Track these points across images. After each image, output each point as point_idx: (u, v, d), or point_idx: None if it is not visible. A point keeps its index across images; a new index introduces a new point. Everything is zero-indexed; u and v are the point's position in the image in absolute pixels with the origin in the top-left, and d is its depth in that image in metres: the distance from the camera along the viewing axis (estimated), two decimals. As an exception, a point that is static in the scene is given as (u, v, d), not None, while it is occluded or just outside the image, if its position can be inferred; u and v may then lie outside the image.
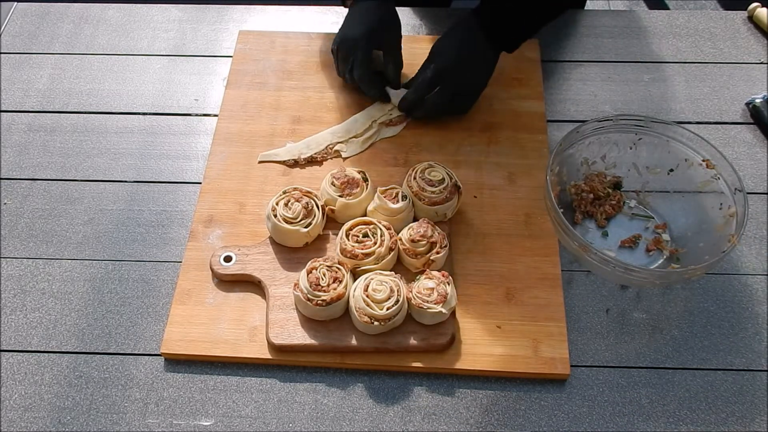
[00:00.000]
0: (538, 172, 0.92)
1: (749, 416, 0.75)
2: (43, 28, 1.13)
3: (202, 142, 0.98)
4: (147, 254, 0.87)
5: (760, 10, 1.10)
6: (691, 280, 0.83)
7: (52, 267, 0.87)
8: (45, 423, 0.75)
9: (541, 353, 0.77)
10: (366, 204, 0.86)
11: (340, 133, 0.96)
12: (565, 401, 0.76)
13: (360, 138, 0.95)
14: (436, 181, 0.85)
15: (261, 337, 0.79)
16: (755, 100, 0.99)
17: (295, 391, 0.77)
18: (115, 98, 1.04)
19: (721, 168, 0.82)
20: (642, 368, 0.78)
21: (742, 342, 0.80)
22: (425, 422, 0.75)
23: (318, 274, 0.78)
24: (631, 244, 0.86)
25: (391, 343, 0.77)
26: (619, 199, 0.89)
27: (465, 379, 0.77)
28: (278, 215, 0.83)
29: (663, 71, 1.05)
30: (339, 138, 0.95)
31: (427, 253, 0.80)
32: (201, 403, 0.76)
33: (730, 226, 0.79)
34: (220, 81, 1.05)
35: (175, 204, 0.92)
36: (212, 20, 1.13)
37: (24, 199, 0.93)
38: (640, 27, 1.11)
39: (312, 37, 1.09)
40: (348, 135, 0.96)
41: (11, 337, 0.81)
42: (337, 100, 1.01)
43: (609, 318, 0.82)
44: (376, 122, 0.97)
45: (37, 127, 1.01)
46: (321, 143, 0.95)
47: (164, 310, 0.83)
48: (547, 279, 0.83)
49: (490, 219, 0.88)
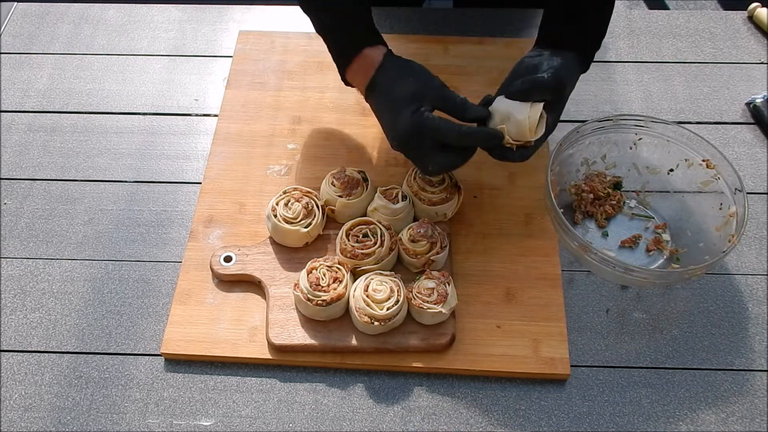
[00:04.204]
0: (538, 172, 0.92)
1: (749, 416, 0.75)
2: (43, 28, 1.13)
3: (202, 142, 0.98)
4: (147, 254, 0.87)
5: (760, 10, 1.10)
6: (691, 280, 0.83)
7: (52, 267, 0.87)
8: (45, 423, 0.75)
9: (541, 353, 0.77)
10: (366, 204, 0.86)
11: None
12: (565, 401, 0.76)
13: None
14: (436, 181, 0.85)
15: (261, 337, 0.79)
16: (755, 100, 0.99)
17: (295, 391, 0.77)
18: (115, 98, 1.04)
19: (721, 168, 0.82)
20: (642, 368, 0.78)
21: (742, 342, 0.80)
22: (425, 422, 0.75)
23: (318, 274, 0.78)
24: (631, 244, 0.86)
25: (391, 343, 0.77)
26: (619, 199, 0.89)
27: (465, 379, 0.77)
28: (278, 215, 0.83)
29: (663, 71, 1.05)
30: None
31: (427, 253, 0.80)
32: (201, 403, 0.76)
33: (730, 226, 0.79)
34: (220, 81, 1.05)
35: (175, 204, 0.92)
36: (212, 20, 1.13)
37: (24, 199, 0.93)
38: (640, 27, 1.11)
39: (312, 37, 1.08)
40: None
41: (11, 337, 0.81)
42: (337, 100, 1.01)
43: (609, 318, 0.82)
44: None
45: (37, 127, 1.01)
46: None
47: (164, 310, 0.83)
48: (547, 279, 0.83)
49: (490, 219, 0.88)
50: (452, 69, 1.03)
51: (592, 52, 0.83)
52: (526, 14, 1.11)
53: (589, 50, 0.82)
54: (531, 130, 0.75)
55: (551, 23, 0.84)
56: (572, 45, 0.80)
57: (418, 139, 0.76)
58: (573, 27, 0.81)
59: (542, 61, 0.77)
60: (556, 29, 0.82)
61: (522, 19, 1.11)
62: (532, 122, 0.74)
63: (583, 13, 0.81)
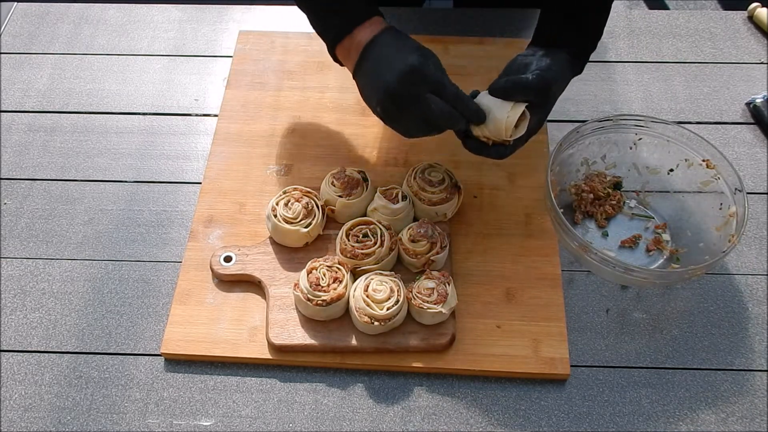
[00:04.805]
0: (538, 172, 0.92)
1: (749, 416, 0.75)
2: (43, 28, 1.13)
3: (202, 142, 0.98)
4: (147, 254, 0.87)
5: (760, 10, 1.10)
6: (691, 280, 0.83)
7: (52, 267, 0.87)
8: (45, 423, 0.75)
9: (541, 353, 0.77)
10: (366, 204, 0.86)
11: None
12: (565, 401, 0.76)
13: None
14: (436, 181, 0.85)
15: (261, 337, 0.79)
16: (755, 100, 0.99)
17: (295, 391, 0.77)
18: (115, 98, 1.04)
19: (721, 168, 0.82)
20: (642, 368, 0.78)
21: (742, 342, 0.80)
22: (425, 422, 0.75)
23: (318, 274, 0.78)
24: (631, 244, 0.86)
25: (391, 343, 0.77)
26: (619, 199, 0.89)
27: (465, 379, 0.77)
28: (278, 215, 0.83)
29: (663, 71, 1.05)
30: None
31: (427, 253, 0.80)
32: (201, 403, 0.76)
33: (730, 226, 0.79)
34: (220, 81, 1.05)
35: (175, 204, 0.92)
36: (212, 20, 1.13)
37: (24, 199, 0.93)
38: (640, 27, 1.11)
39: (312, 37, 1.08)
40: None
41: (11, 337, 0.81)
42: (337, 100, 1.01)
43: (609, 318, 0.82)
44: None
45: (37, 127, 1.01)
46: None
47: (164, 310, 0.83)
48: (547, 279, 0.83)
49: (490, 219, 0.88)
50: (452, 69, 1.01)
51: (586, 54, 0.82)
52: (526, 14, 1.11)
53: (584, 51, 0.82)
54: (507, 130, 0.74)
55: (548, 22, 0.83)
56: (567, 45, 0.79)
57: (415, 84, 0.72)
58: (569, 27, 0.80)
59: (533, 60, 0.76)
60: (552, 29, 0.82)
61: (522, 19, 1.11)
62: (509, 122, 0.74)
63: (581, 14, 0.80)
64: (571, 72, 0.81)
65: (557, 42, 0.79)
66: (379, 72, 0.74)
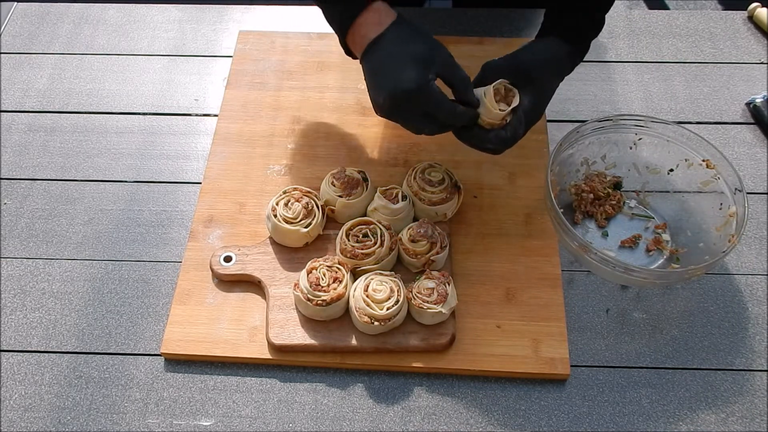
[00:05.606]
0: (538, 172, 0.92)
1: (749, 416, 0.75)
2: (43, 28, 1.13)
3: (202, 142, 0.98)
4: (147, 254, 0.87)
5: (760, 10, 1.10)
6: (691, 280, 0.83)
7: (52, 267, 0.87)
8: (45, 423, 0.75)
9: (541, 353, 0.77)
10: (366, 204, 0.86)
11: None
12: (565, 401, 0.76)
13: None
14: (436, 181, 0.85)
15: (261, 337, 0.79)
16: (755, 100, 0.99)
17: (295, 391, 0.77)
18: (115, 98, 1.04)
19: (721, 168, 0.82)
20: (642, 368, 0.78)
21: (742, 342, 0.80)
22: (425, 422, 0.75)
23: (318, 274, 0.78)
24: (631, 244, 0.86)
25: (391, 343, 0.77)
26: (619, 199, 0.89)
27: (465, 379, 0.77)
28: (278, 215, 0.83)
29: (663, 71, 1.05)
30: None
31: (427, 253, 0.80)
32: (201, 403, 0.76)
33: (730, 226, 0.79)
34: (220, 81, 1.05)
35: (175, 204, 0.92)
36: (212, 20, 1.13)
37: (24, 199, 0.93)
38: (640, 27, 1.11)
39: (312, 37, 1.09)
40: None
41: (11, 337, 0.81)
42: (337, 100, 1.01)
43: (609, 318, 0.82)
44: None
45: (37, 127, 1.01)
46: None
47: (164, 310, 0.83)
48: (547, 279, 0.83)
49: (490, 219, 0.88)
50: (452, 69, 1.02)
51: (584, 39, 0.82)
52: (526, 14, 1.12)
53: (581, 36, 0.82)
54: (492, 106, 0.75)
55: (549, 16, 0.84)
56: (561, 30, 0.81)
57: (414, 104, 0.74)
58: (566, 15, 0.82)
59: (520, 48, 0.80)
60: (548, 19, 0.84)
61: (522, 19, 1.11)
62: (489, 97, 0.75)
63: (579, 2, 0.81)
64: (567, 55, 0.81)
65: (552, 29, 0.82)
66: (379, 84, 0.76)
